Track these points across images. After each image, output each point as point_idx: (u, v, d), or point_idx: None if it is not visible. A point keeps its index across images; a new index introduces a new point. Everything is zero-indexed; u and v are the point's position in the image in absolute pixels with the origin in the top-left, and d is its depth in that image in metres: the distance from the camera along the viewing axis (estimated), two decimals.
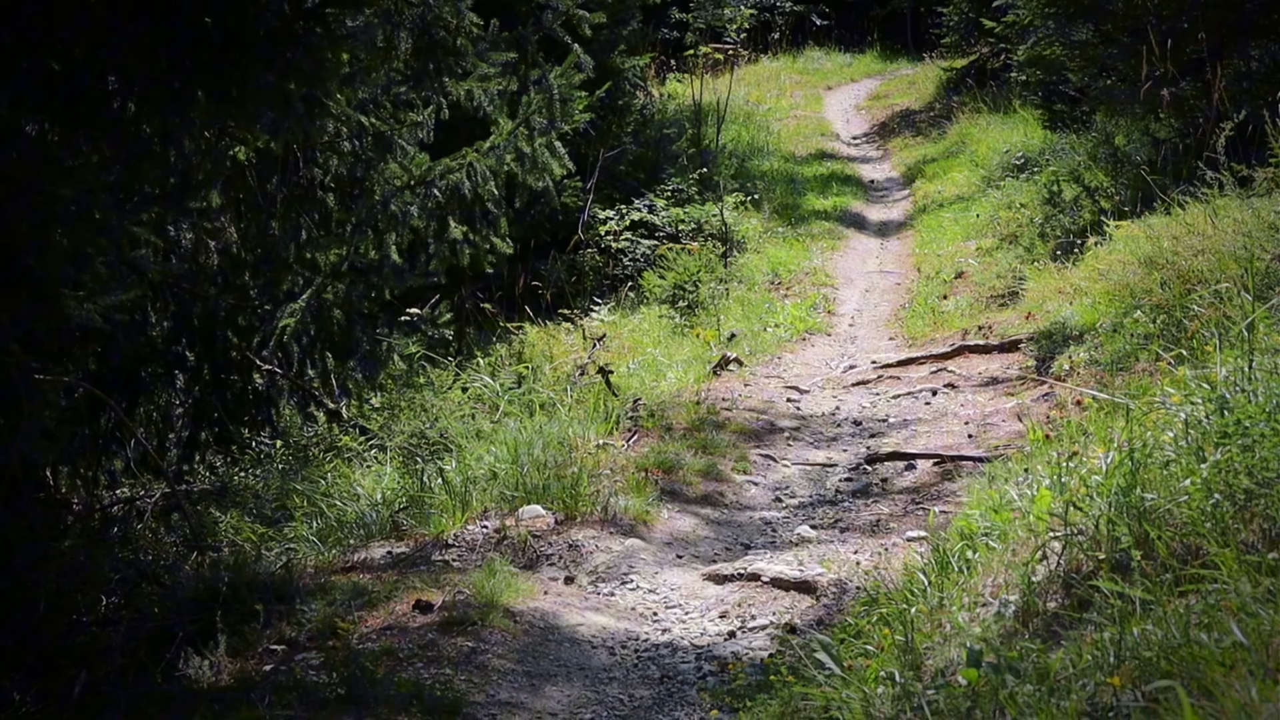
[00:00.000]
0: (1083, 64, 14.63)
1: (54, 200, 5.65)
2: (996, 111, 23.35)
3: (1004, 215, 15.97)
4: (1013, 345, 10.86)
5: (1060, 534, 4.86)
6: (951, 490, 7.68)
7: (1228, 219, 8.30)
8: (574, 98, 9.12)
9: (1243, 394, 5.01)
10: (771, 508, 7.92)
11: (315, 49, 5.49)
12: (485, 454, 7.99)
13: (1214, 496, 4.42)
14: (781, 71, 33.40)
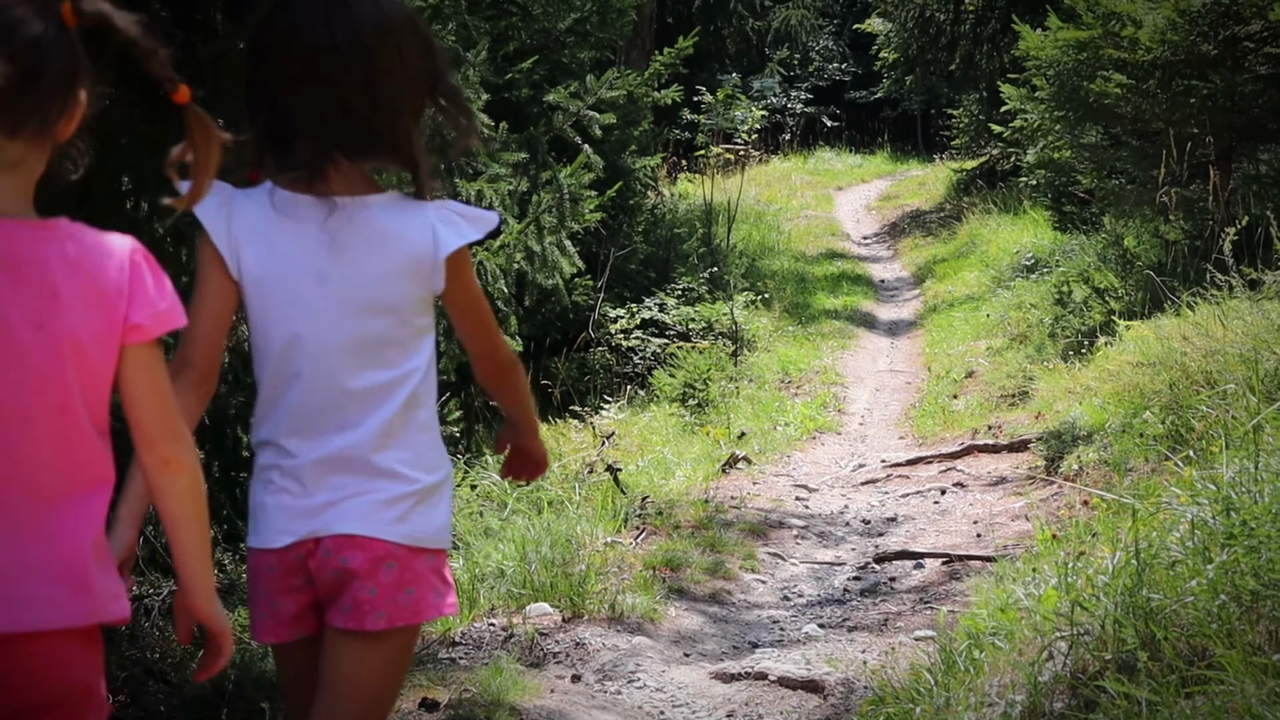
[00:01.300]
0: (1092, 166, 14.73)
1: None
2: (1006, 212, 23.47)
3: (1014, 315, 16.01)
4: (1022, 445, 10.86)
5: (1066, 634, 4.85)
6: (959, 589, 7.66)
7: (1237, 321, 8.33)
8: (584, 197, 9.20)
9: (1248, 495, 5.01)
10: (779, 606, 7.90)
11: None
12: (493, 551, 7.98)
13: (1220, 598, 4.42)
14: (792, 172, 33.61)
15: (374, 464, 2.91)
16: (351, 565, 2.89)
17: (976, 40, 25.69)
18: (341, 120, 2.86)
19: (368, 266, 2.90)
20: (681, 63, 16.11)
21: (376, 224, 2.91)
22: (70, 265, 2.41)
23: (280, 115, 2.86)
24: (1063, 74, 13.36)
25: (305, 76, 2.84)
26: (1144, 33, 11.97)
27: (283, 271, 2.88)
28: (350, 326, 2.90)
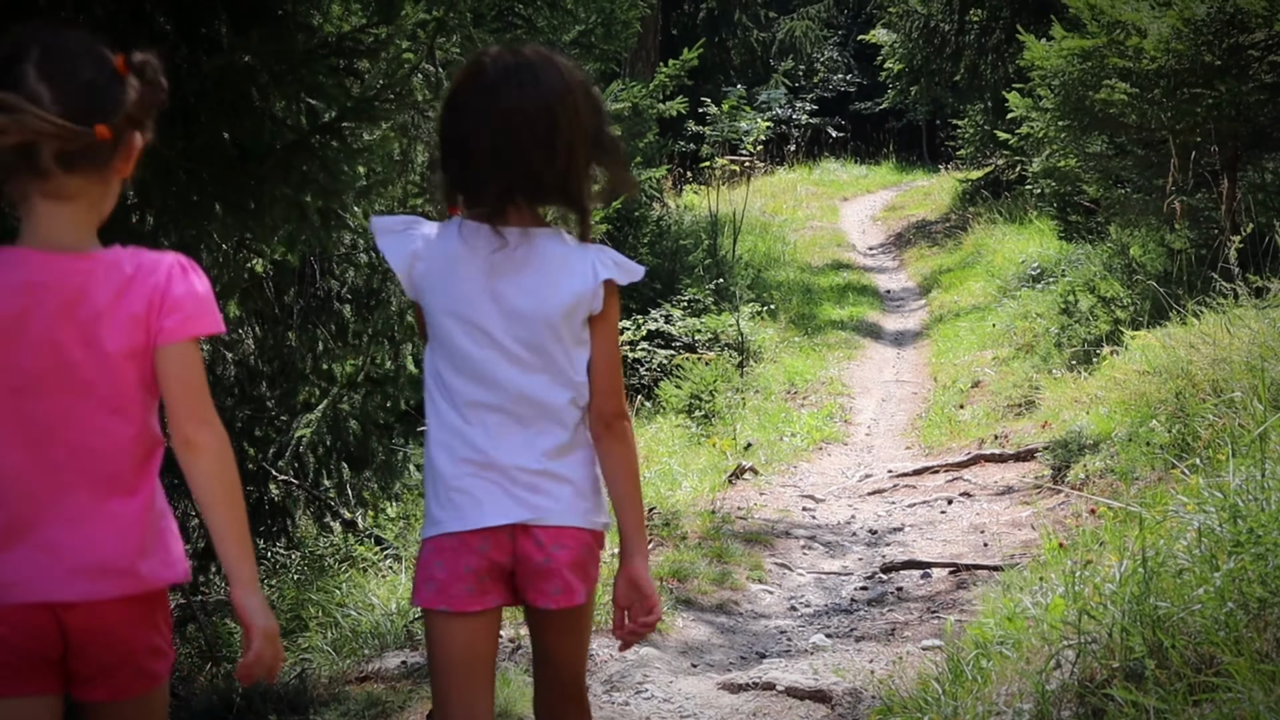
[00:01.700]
0: (1097, 176, 14.73)
1: None
2: (1012, 222, 23.47)
3: (1020, 325, 16.01)
4: (1029, 454, 10.85)
5: (1074, 643, 4.85)
6: (966, 599, 7.66)
7: (1243, 329, 8.32)
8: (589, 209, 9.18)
9: (1255, 503, 5.01)
10: (786, 616, 7.90)
11: (332, 162, 5.55)
12: None
13: (1227, 605, 4.42)
14: (798, 183, 33.62)
15: (557, 464, 3.43)
16: (558, 553, 3.40)
17: (981, 50, 25.71)
18: (523, 170, 3.33)
19: (535, 289, 3.37)
20: (686, 74, 16.11)
21: (544, 254, 3.38)
22: (116, 290, 2.80)
23: (472, 162, 3.36)
24: (1068, 83, 13.36)
25: (496, 133, 3.32)
26: (1149, 42, 11.96)
27: (462, 292, 3.38)
28: (531, 338, 3.39)
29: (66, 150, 2.70)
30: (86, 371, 2.79)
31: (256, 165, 5.29)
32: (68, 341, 2.77)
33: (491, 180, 3.34)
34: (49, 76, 2.70)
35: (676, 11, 31.92)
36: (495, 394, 3.39)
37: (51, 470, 2.82)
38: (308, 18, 5.64)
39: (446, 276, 3.38)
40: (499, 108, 3.33)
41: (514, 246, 3.35)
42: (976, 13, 25.63)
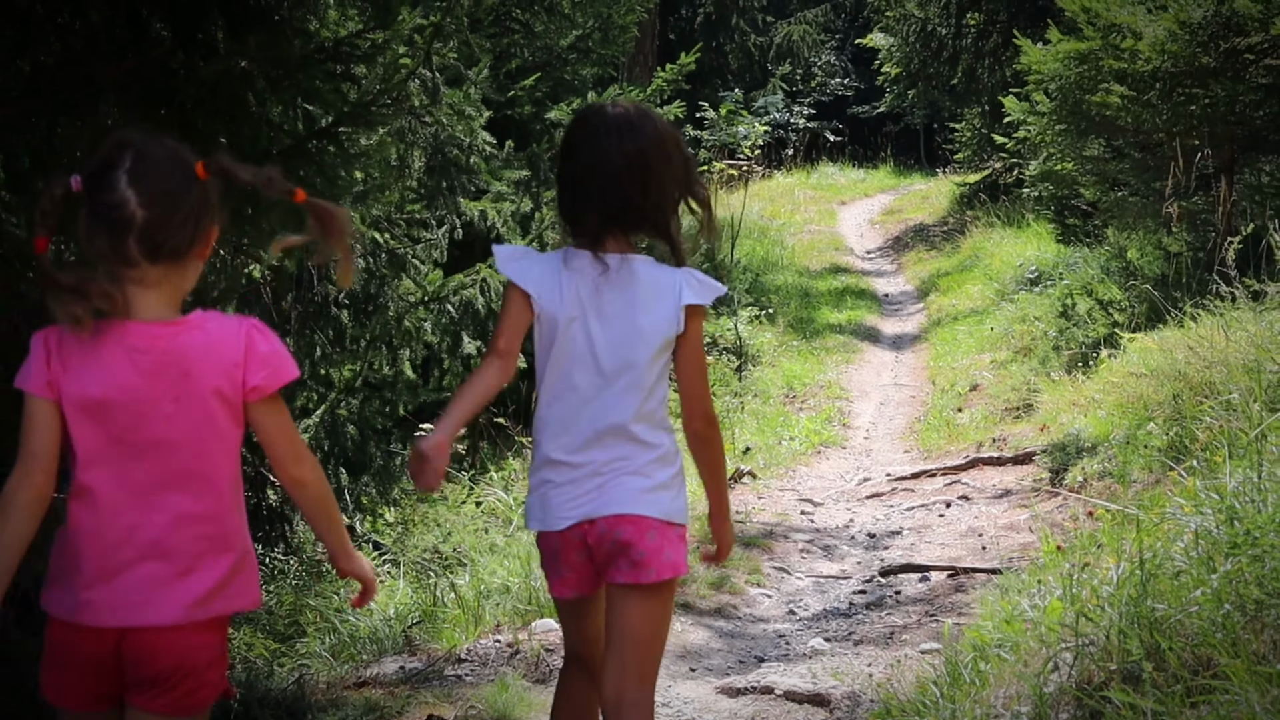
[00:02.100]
0: (1094, 179, 14.75)
1: None
2: (1010, 225, 23.47)
3: (1018, 328, 16.02)
4: (1026, 457, 10.86)
5: (1071, 645, 4.85)
6: (964, 602, 7.66)
7: (1240, 332, 8.32)
8: None
9: (1252, 505, 5.02)
10: (784, 620, 7.90)
11: (329, 167, 5.55)
12: (498, 568, 7.99)
13: (1224, 607, 4.42)
14: (795, 187, 33.60)
15: (633, 462, 3.97)
16: (624, 537, 3.92)
17: (978, 54, 25.71)
18: (622, 206, 3.93)
19: (631, 308, 3.93)
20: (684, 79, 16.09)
21: (639, 277, 3.95)
22: (199, 351, 3.27)
23: (578, 197, 3.99)
24: (1064, 87, 13.38)
25: (600, 174, 3.93)
26: (1144, 44, 11.98)
27: (569, 310, 3.93)
28: (626, 355, 3.94)
29: (151, 244, 3.19)
30: (178, 423, 3.25)
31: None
32: (161, 398, 3.23)
33: (594, 211, 3.93)
34: (137, 182, 3.16)
35: (674, 16, 31.91)
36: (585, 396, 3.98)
37: (147, 510, 3.27)
38: (304, 23, 5.64)
39: (555, 296, 3.94)
40: (603, 150, 3.94)
41: (614, 270, 3.92)
42: (973, 17, 25.63)
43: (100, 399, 3.22)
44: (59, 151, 5.18)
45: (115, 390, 3.23)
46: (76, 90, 5.04)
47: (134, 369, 3.24)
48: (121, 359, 3.23)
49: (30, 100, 5.06)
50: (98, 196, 3.17)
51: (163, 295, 3.27)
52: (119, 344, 3.23)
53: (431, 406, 10.12)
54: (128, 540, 3.26)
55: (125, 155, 3.19)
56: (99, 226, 3.18)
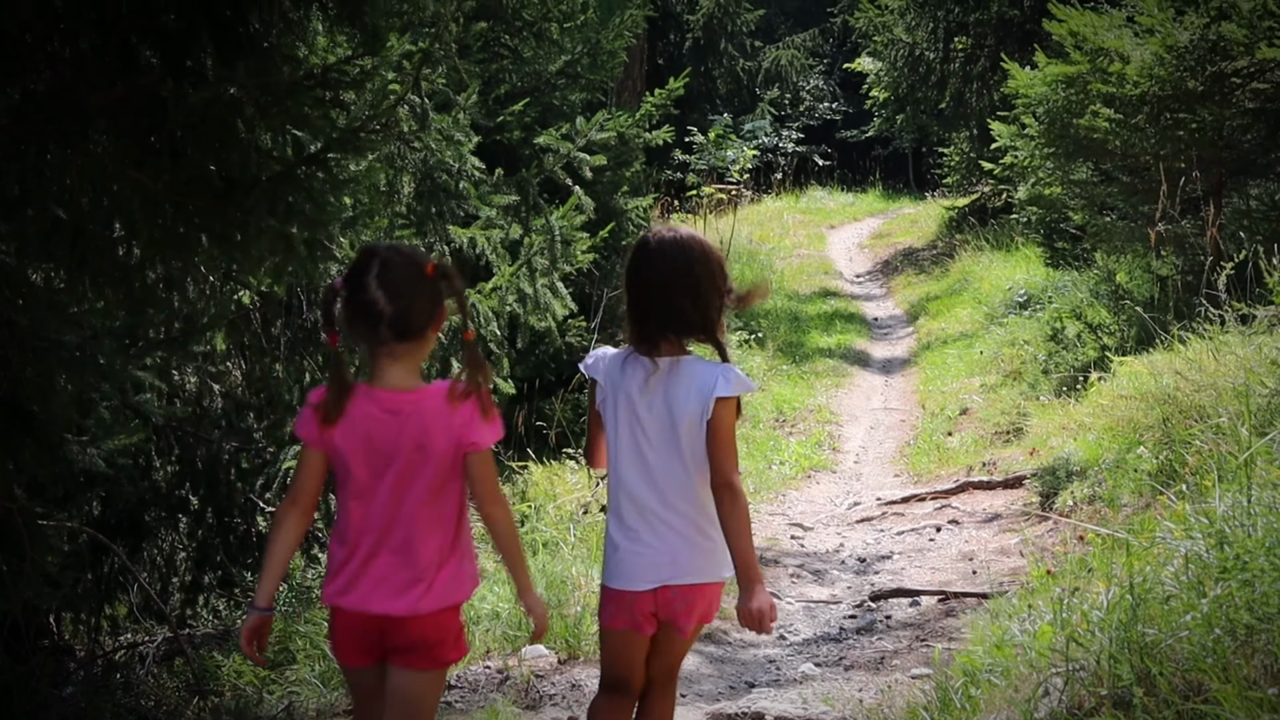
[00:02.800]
0: (1083, 202, 14.75)
1: (58, 346, 5.69)
2: (999, 249, 23.52)
3: (1007, 352, 16.03)
4: (1016, 481, 10.86)
5: (1062, 670, 4.85)
6: (955, 626, 7.65)
7: (1229, 355, 8.34)
8: (576, 239, 9.20)
9: (1242, 529, 5.02)
10: (775, 645, 7.89)
11: (318, 193, 5.55)
12: (488, 594, 7.97)
13: (1215, 632, 4.42)
14: (784, 211, 33.66)
15: (689, 530, 4.75)
16: (677, 603, 4.75)
17: (966, 78, 25.79)
18: (674, 315, 4.73)
19: (676, 398, 4.69)
20: (673, 103, 16.13)
21: (685, 374, 4.72)
22: (434, 411, 4.27)
23: (640, 308, 4.78)
24: (1052, 110, 13.41)
25: (655, 287, 4.74)
26: (1132, 68, 12.01)
27: (627, 402, 4.74)
28: (666, 439, 4.71)
29: (397, 329, 4.20)
30: (418, 465, 4.26)
31: (242, 197, 5.29)
32: (406, 446, 4.25)
33: (652, 319, 4.74)
34: (383, 284, 4.16)
35: (663, 41, 31.98)
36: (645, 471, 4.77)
37: (400, 523, 4.30)
38: (293, 50, 5.65)
39: (615, 392, 4.78)
40: (658, 270, 4.75)
41: (665, 371, 4.71)
42: (961, 41, 25.71)
43: (359, 447, 4.26)
44: (49, 179, 5.18)
45: (369, 439, 4.26)
46: (66, 118, 5.05)
47: (384, 423, 4.26)
48: (375, 415, 4.26)
49: (20, 128, 5.06)
50: (355, 296, 4.19)
51: (407, 365, 4.30)
52: (373, 404, 4.27)
53: None
54: (380, 544, 4.33)
55: (373, 263, 4.20)
56: (358, 317, 4.22)
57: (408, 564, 4.30)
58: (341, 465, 4.30)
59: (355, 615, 4.36)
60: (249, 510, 8.90)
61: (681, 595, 4.73)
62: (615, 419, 4.77)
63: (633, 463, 4.75)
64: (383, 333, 4.21)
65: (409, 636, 4.34)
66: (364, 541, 4.31)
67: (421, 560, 4.30)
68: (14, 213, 5.24)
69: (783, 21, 43.02)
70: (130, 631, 8.67)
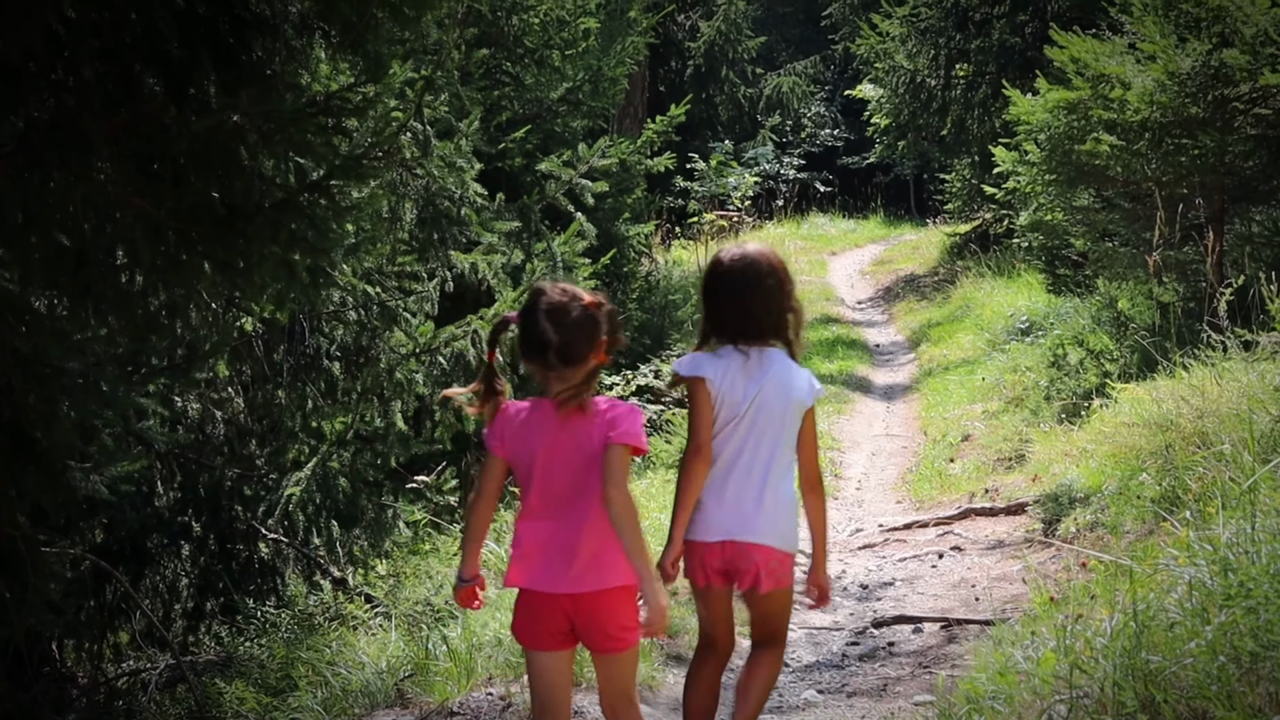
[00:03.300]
0: (1084, 229, 14.77)
1: (61, 373, 5.69)
2: (1000, 275, 23.53)
3: (1009, 378, 16.02)
4: (1019, 508, 10.84)
5: (1065, 697, 4.84)
6: (958, 653, 7.63)
7: (1232, 382, 8.33)
8: (577, 265, 9.21)
9: (1246, 556, 5.01)
10: None
11: (320, 220, 5.56)
12: (490, 620, 7.95)
13: (1219, 659, 4.41)
14: (786, 237, 33.66)
15: (781, 509, 5.44)
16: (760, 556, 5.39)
17: (968, 105, 25.81)
18: (750, 320, 5.41)
19: (771, 390, 5.37)
20: (674, 130, 16.17)
21: (774, 368, 5.39)
22: (592, 419, 4.91)
23: (717, 317, 5.48)
24: (1053, 137, 13.42)
25: (731, 297, 5.43)
26: (1133, 94, 12.03)
27: (730, 392, 5.37)
28: (769, 420, 5.38)
29: (563, 355, 4.85)
30: (581, 461, 4.91)
31: (245, 224, 5.30)
32: (570, 446, 4.91)
33: (728, 327, 5.44)
34: (550, 318, 4.83)
35: (664, 68, 32.05)
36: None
37: (572, 520, 4.94)
38: (296, 77, 5.66)
39: (725, 382, 5.38)
40: (732, 282, 5.44)
41: (759, 363, 5.38)
42: (963, 68, 25.74)
43: (534, 453, 4.96)
44: (52, 206, 5.19)
45: (547, 447, 4.95)
46: (70, 145, 5.06)
47: (555, 435, 4.94)
48: (549, 428, 4.94)
49: (23, 155, 5.07)
50: (527, 328, 4.89)
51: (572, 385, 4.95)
52: (548, 418, 4.94)
53: (422, 458, 10.11)
54: (557, 536, 4.98)
55: (541, 300, 4.88)
56: (530, 346, 4.91)
57: (581, 551, 4.96)
58: (522, 470, 5.04)
59: (543, 598, 5.04)
60: (251, 537, 8.90)
61: (753, 554, 5.35)
62: (730, 401, 5.39)
63: (739, 442, 5.39)
64: (550, 359, 4.90)
65: (597, 609, 5.03)
66: (541, 532, 5.02)
67: (596, 547, 4.94)
68: (17, 240, 5.25)
69: (784, 48, 43.12)
70: (132, 658, 8.67)
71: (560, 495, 4.96)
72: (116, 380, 6.30)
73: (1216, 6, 11.71)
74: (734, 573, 5.38)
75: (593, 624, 4.96)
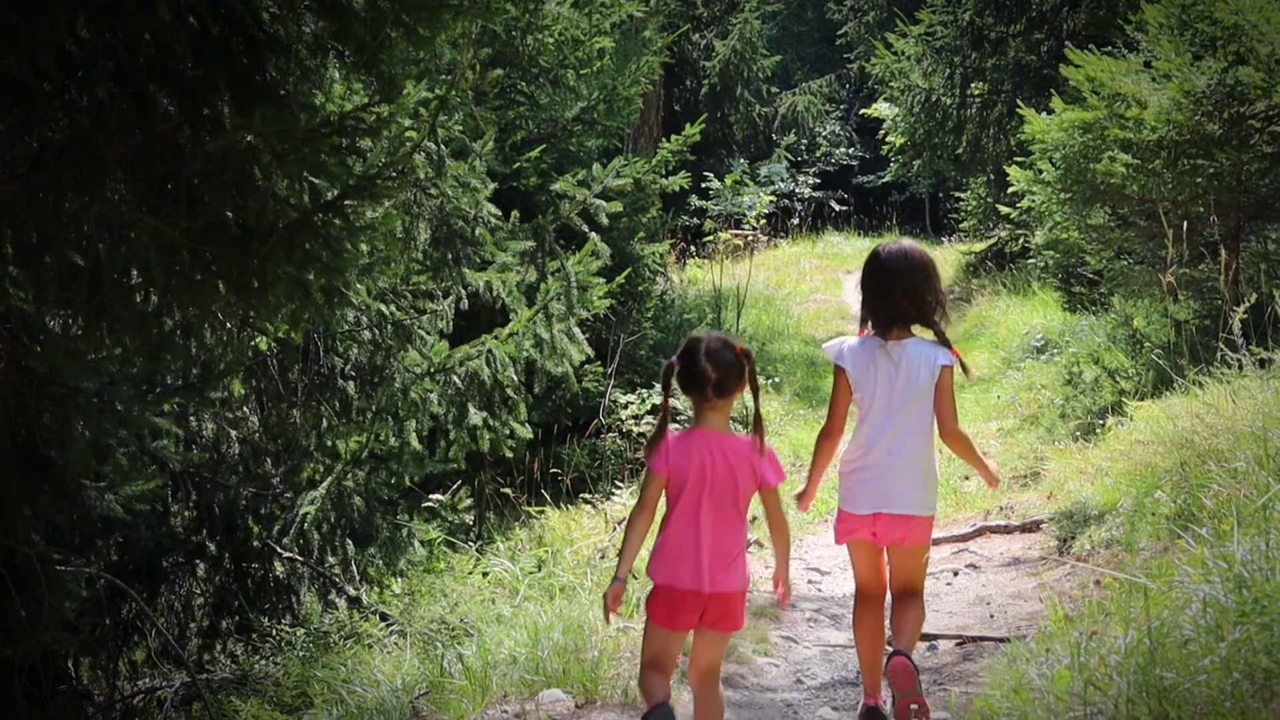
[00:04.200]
0: (1100, 247, 14.75)
1: (76, 393, 5.71)
2: (1016, 293, 23.51)
3: (1024, 396, 16.01)
4: (1034, 526, 10.83)
5: (1080, 714, 4.83)
6: (973, 670, 7.62)
7: (1248, 399, 8.32)
8: (592, 285, 9.22)
9: (1260, 573, 5.00)
10: (792, 689, 7.86)
11: (334, 240, 5.58)
12: (505, 638, 7.97)
13: (1233, 676, 4.41)
14: (801, 256, 33.66)
15: (918, 479, 6.44)
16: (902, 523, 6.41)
17: (983, 124, 25.81)
18: (899, 308, 6.35)
19: (910, 371, 6.36)
20: (689, 149, 16.19)
21: (912, 352, 6.37)
22: (743, 453, 5.88)
23: (874, 305, 6.40)
24: (1069, 156, 13.41)
25: (883, 288, 6.37)
26: (1149, 113, 12.03)
27: (873, 379, 6.40)
28: (908, 406, 6.39)
29: (719, 390, 5.84)
30: (729, 486, 5.86)
31: (259, 244, 5.32)
32: (723, 473, 5.85)
33: (883, 313, 6.40)
34: (709, 359, 5.80)
35: (679, 87, 32.09)
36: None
37: (723, 531, 5.89)
38: (310, 97, 5.69)
39: (865, 370, 6.44)
40: (885, 274, 6.39)
41: (896, 351, 6.37)
42: (978, 87, 25.74)
43: (694, 472, 5.87)
44: (67, 227, 5.21)
45: (702, 468, 5.87)
46: (84, 166, 5.08)
47: (710, 456, 5.87)
48: (704, 451, 5.87)
49: (38, 176, 5.09)
50: (689, 368, 5.87)
51: (723, 414, 5.96)
52: (703, 443, 5.89)
53: (437, 477, 10.11)
54: (701, 543, 5.90)
55: (700, 345, 5.90)
56: (692, 383, 5.90)
57: (726, 559, 5.89)
58: (676, 486, 5.94)
59: (686, 594, 5.93)
60: (266, 556, 8.91)
61: (897, 522, 6.39)
62: (867, 388, 6.44)
63: (881, 423, 6.40)
64: (708, 393, 5.92)
65: (726, 606, 5.97)
66: (689, 538, 5.92)
67: (735, 556, 5.91)
68: (32, 260, 5.27)
69: (799, 67, 43.16)
70: (148, 676, 8.68)
71: (709, 507, 5.92)
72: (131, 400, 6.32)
73: (1232, 25, 11.70)
74: (882, 537, 6.47)
75: (720, 614, 5.93)
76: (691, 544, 5.93)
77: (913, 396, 6.36)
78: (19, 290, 5.53)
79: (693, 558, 5.93)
